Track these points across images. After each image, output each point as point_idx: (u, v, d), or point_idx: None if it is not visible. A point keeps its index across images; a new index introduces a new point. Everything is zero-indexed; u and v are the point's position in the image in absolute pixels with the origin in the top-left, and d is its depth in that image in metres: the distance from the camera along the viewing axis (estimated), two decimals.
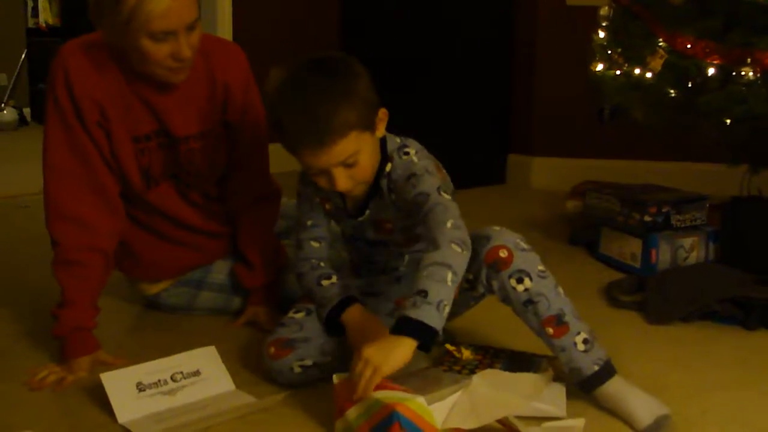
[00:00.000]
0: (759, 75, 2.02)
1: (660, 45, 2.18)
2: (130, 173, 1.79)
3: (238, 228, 1.97)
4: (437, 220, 1.45)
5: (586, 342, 1.47)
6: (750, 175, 2.38)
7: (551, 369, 1.54)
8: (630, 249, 2.38)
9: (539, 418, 1.43)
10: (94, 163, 1.73)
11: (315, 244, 1.70)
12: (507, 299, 1.50)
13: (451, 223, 1.44)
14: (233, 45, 1.94)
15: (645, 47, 2.22)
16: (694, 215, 2.37)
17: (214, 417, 1.48)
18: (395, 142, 1.61)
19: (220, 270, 2.01)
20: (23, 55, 5.87)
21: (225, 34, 3.66)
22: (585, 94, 2.60)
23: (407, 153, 1.59)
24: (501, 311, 1.56)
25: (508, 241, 1.49)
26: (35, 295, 2.12)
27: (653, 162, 3.41)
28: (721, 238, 2.34)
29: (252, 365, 1.71)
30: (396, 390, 1.34)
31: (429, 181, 1.52)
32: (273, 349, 1.60)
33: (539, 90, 3.63)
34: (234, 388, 1.61)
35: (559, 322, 1.47)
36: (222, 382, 1.61)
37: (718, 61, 2.07)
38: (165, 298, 2.02)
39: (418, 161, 1.57)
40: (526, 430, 1.35)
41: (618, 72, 2.33)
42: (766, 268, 2.11)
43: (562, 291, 1.49)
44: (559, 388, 1.50)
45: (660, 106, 2.24)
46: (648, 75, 2.20)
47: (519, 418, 1.38)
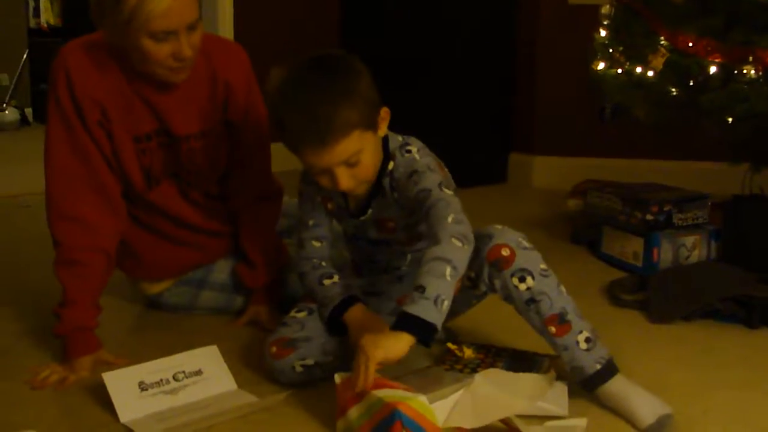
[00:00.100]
0: (760, 73, 2.02)
1: (661, 43, 2.18)
2: (131, 173, 1.79)
3: (239, 227, 1.96)
4: (439, 215, 1.45)
5: (588, 341, 1.47)
6: (752, 174, 2.38)
7: (554, 370, 1.54)
8: (632, 248, 2.38)
9: (541, 417, 1.43)
10: (95, 163, 1.73)
11: (317, 243, 1.70)
12: (509, 298, 1.50)
13: (452, 218, 1.43)
14: (235, 44, 1.93)
15: (646, 46, 2.22)
16: (695, 214, 2.37)
17: (216, 416, 1.48)
18: (397, 140, 1.61)
19: (221, 269, 2.01)
20: (25, 56, 5.86)
21: (226, 33, 3.66)
22: (586, 93, 2.60)
23: (409, 151, 1.59)
24: (503, 310, 1.56)
25: (510, 240, 1.48)
26: (37, 295, 2.12)
27: (655, 161, 3.40)
28: (723, 236, 2.34)
29: (254, 365, 1.71)
30: (397, 389, 1.34)
31: (431, 178, 1.52)
32: (275, 349, 1.60)
33: (540, 89, 3.63)
34: (236, 387, 1.61)
35: (562, 320, 1.46)
36: (224, 381, 1.61)
37: (719, 60, 2.07)
38: (166, 297, 2.02)
39: (420, 159, 1.57)
40: (527, 429, 1.35)
41: (619, 71, 2.33)
42: (767, 266, 2.11)
43: (564, 290, 1.49)
44: (561, 387, 1.50)
45: (661, 104, 2.23)
46: (649, 73, 2.21)
47: (521, 417, 1.38)
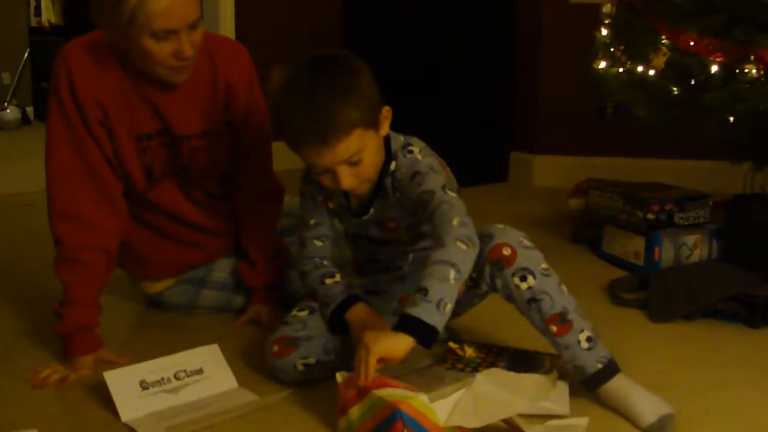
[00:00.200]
0: (762, 72, 2.01)
1: (663, 42, 2.17)
2: (132, 172, 1.78)
3: (240, 226, 1.96)
4: (443, 218, 1.45)
5: (589, 340, 1.47)
6: (753, 173, 2.38)
7: (555, 370, 1.54)
8: (633, 247, 2.37)
9: (542, 416, 1.43)
10: (96, 162, 1.73)
11: (318, 242, 1.70)
12: (510, 297, 1.49)
13: (458, 221, 1.43)
14: (236, 44, 1.93)
15: (648, 45, 2.21)
16: (697, 213, 2.37)
17: (217, 415, 1.48)
18: (399, 140, 1.61)
19: (222, 268, 2.01)
20: (26, 54, 5.86)
21: (227, 32, 3.65)
22: (588, 91, 2.60)
23: (411, 151, 1.58)
24: (504, 309, 1.56)
25: (511, 239, 1.48)
26: (38, 293, 2.12)
27: (656, 160, 3.40)
28: (724, 236, 2.34)
29: (255, 363, 1.71)
30: (398, 388, 1.34)
31: (434, 179, 1.52)
32: (276, 347, 1.60)
33: (542, 88, 3.63)
34: (237, 386, 1.61)
35: (563, 319, 1.46)
36: (225, 380, 1.61)
37: (721, 59, 2.07)
38: (167, 296, 2.02)
39: (422, 159, 1.57)
40: (529, 428, 1.35)
41: (621, 69, 2.33)
42: None
43: (565, 289, 1.49)
44: (563, 386, 1.50)
45: (663, 103, 2.23)
46: (651, 72, 2.20)
47: (522, 416, 1.38)
